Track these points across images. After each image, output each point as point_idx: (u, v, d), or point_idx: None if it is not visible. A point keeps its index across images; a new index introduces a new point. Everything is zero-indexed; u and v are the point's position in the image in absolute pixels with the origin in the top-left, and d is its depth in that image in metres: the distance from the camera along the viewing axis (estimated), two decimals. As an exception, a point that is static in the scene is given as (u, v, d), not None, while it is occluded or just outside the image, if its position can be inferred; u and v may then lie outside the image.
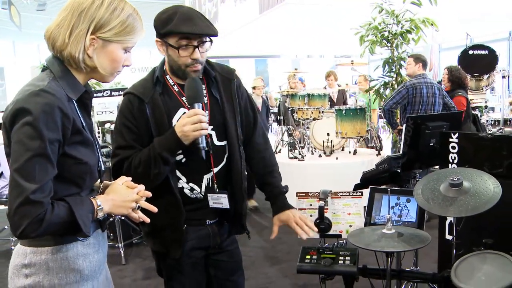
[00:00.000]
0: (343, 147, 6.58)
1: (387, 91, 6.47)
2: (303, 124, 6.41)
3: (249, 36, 12.42)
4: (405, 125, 2.61)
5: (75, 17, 1.35)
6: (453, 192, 1.78)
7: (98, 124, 6.07)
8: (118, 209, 1.45)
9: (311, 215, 2.30)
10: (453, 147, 2.29)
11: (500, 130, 6.32)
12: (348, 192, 2.29)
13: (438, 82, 7.21)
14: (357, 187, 2.66)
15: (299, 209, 2.34)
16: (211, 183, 1.91)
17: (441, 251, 2.44)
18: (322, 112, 6.25)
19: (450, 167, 2.29)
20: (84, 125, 1.41)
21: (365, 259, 2.15)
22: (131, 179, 1.52)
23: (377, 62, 6.96)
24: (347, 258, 2.04)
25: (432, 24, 6.23)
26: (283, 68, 13.94)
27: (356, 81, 9.02)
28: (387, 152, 6.47)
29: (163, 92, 1.85)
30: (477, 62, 6.89)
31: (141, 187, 1.50)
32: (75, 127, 1.34)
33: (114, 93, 7.02)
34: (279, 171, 2.09)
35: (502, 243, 1.85)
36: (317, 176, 5.67)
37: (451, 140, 2.30)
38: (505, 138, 2.14)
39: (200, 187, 1.90)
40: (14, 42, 19.64)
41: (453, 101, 5.42)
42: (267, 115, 7.35)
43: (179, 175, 1.88)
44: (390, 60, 6.47)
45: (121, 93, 7.24)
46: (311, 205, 2.31)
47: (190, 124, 1.71)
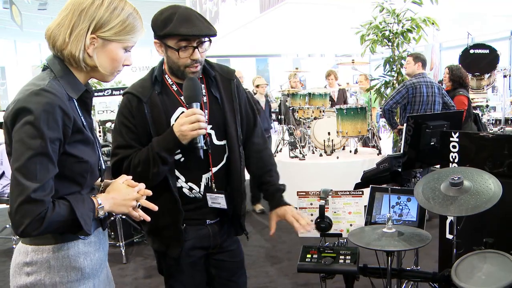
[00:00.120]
0: (344, 147, 6.59)
1: (388, 90, 6.47)
2: (304, 123, 6.41)
3: (250, 35, 12.39)
4: (405, 124, 2.61)
5: (75, 16, 1.35)
6: (454, 191, 1.78)
7: (99, 123, 6.07)
8: (118, 207, 1.45)
9: (311, 214, 2.30)
10: (454, 146, 2.29)
11: (501, 129, 6.31)
12: (348, 191, 2.29)
13: (439, 82, 7.21)
14: (357, 186, 2.67)
15: (299, 208, 2.34)
16: (210, 183, 1.91)
17: (441, 250, 2.44)
18: (323, 111, 6.25)
19: (450, 166, 2.29)
20: (85, 124, 1.41)
21: (365, 258, 2.16)
22: (131, 178, 1.53)
23: (378, 61, 6.96)
24: (347, 257, 2.04)
25: (433, 23, 6.22)
26: (284, 67, 13.95)
27: (357, 80, 9.02)
28: (388, 151, 6.46)
29: (162, 91, 1.85)
30: (478, 61, 6.88)
31: (142, 185, 1.51)
32: (76, 126, 1.35)
33: (115, 92, 7.01)
34: (277, 170, 2.08)
35: (503, 242, 1.85)
36: (318, 175, 5.67)
37: (451, 139, 2.30)
38: (506, 137, 2.14)
39: (199, 186, 1.90)
40: (15, 41, 19.65)
41: (454, 100, 5.42)
42: (270, 114, 7.35)
43: (178, 174, 1.88)
44: (391, 59, 6.47)
45: (122, 92, 7.25)
46: (311, 204, 2.31)
47: (188, 123, 1.71)
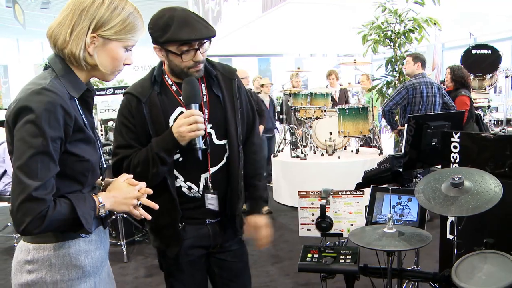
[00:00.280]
0: (345, 146, 6.59)
1: (390, 90, 6.46)
2: (305, 123, 6.41)
3: (252, 34, 12.39)
4: (406, 124, 2.61)
5: (76, 15, 1.36)
6: (454, 191, 1.78)
7: (101, 122, 6.08)
8: (119, 206, 1.46)
9: (312, 214, 2.31)
10: (455, 147, 2.29)
11: (503, 130, 6.30)
12: (349, 191, 2.29)
13: (440, 82, 7.20)
14: (359, 186, 2.67)
15: (300, 207, 2.35)
16: (208, 183, 1.90)
17: (442, 250, 2.44)
18: (325, 111, 6.25)
19: (451, 166, 2.29)
20: (86, 123, 1.42)
21: (366, 258, 2.16)
22: (132, 177, 1.53)
23: (380, 61, 6.96)
24: (348, 257, 2.05)
25: (435, 24, 6.21)
26: (286, 67, 13.94)
27: (359, 80, 9.01)
28: (390, 151, 6.46)
29: (161, 91, 1.85)
30: (480, 61, 6.86)
31: (143, 184, 1.51)
32: (77, 125, 1.35)
33: (117, 91, 7.01)
34: (265, 174, 2.11)
35: (503, 242, 1.85)
36: (319, 175, 5.68)
37: (452, 139, 2.30)
38: (508, 138, 2.14)
39: (198, 186, 1.90)
40: (18, 40, 19.69)
41: (456, 101, 5.40)
42: (273, 113, 7.35)
43: (177, 174, 1.88)
44: (392, 59, 6.46)
45: (123, 91, 7.26)
46: (312, 203, 2.31)
47: (186, 125, 1.71)
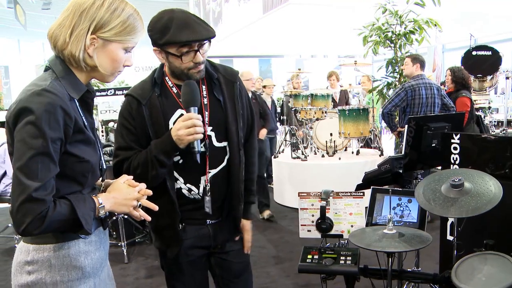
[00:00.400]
0: (346, 148, 6.59)
1: (390, 92, 6.46)
2: (306, 124, 6.41)
3: (252, 36, 12.40)
4: (407, 126, 2.61)
5: (76, 17, 1.36)
6: (454, 193, 1.78)
7: (102, 123, 6.09)
8: (119, 207, 1.46)
9: (312, 215, 2.31)
10: (455, 148, 2.29)
11: (503, 131, 6.30)
12: (349, 192, 2.29)
13: (441, 83, 7.20)
14: (359, 187, 2.67)
15: (301, 208, 2.35)
16: (209, 184, 1.91)
17: (442, 251, 2.44)
18: (325, 112, 6.25)
19: (451, 168, 2.29)
20: (86, 124, 1.42)
21: (366, 259, 2.16)
22: (132, 178, 1.54)
23: (381, 62, 6.96)
24: (348, 258, 2.05)
25: (435, 25, 6.21)
26: (287, 68, 13.94)
27: (360, 81, 9.02)
28: (390, 152, 6.46)
29: (162, 93, 1.86)
30: (481, 63, 6.86)
31: (142, 185, 1.52)
32: (77, 126, 1.36)
33: (118, 92, 7.03)
34: (255, 178, 2.14)
35: (503, 244, 1.85)
36: (320, 176, 5.68)
37: (452, 141, 2.30)
38: (508, 139, 2.14)
39: (198, 188, 1.90)
40: (19, 40, 19.72)
41: (457, 102, 5.40)
42: (275, 114, 7.35)
43: (177, 176, 1.89)
44: (393, 60, 6.46)
45: (125, 92, 7.28)
46: (312, 205, 2.31)
47: (184, 128, 1.72)
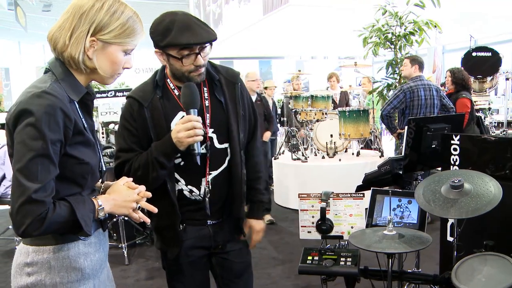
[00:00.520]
0: (346, 149, 6.59)
1: (390, 93, 6.47)
2: (306, 126, 6.41)
3: (253, 37, 12.41)
4: (406, 127, 2.62)
5: (76, 19, 1.37)
6: (454, 194, 1.78)
7: (102, 125, 6.09)
8: (119, 209, 1.47)
9: (313, 216, 2.31)
10: (455, 149, 2.29)
11: (503, 132, 6.30)
12: (349, 194, 2.30)
13: (441, 84, 7.20)
14: (359, 188, 2.67)
15: (301, 210, 2.35)
16: (209, 186, 1.91)
17: (442, 252, 2.45)
18: (326, 113, 6.25)
19: (451, 169, 2.30)
20: (86, 126, 1.43)
21: (366, 260, 2.16)
22: (132, 180, 1.54)
23: (381, 63, 6.96)
24: (348, 259, 2.05)
25: (435, 26, 6.22)
26: (287, 70, 13.96)
27: (360, 82, 9.03)
28: (390, 154, 6.47)
29: (163, 95, 1.86)
30: (481, 64, 6.86)
31: (142, 187, 1.52)
32: (77, 128, 1.36)
33: (118, 93, 7.04)
34: (265, 178, 2.13)
35: (503, 245, 1.85)
36: (320, 177, 5.67)
37: (452, 142, 2.30)
38: (508, 140, 2.14)
39: (199, 189, 1.91)
40: (19, 42, 19.75)
41: (457, 103, 5.39)
42: (276, 116, 7.35)
43: (178, 177, 1.89)
44: (393, 61, 6.47)
45: (126, 93, 7.28)
46: (313, 206, 2.32)
47: (184, 130, 1.72)
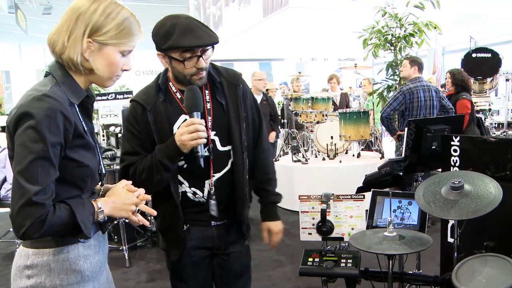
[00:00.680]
0: (346, 150, 6.59)
1: (391, 94, 6.47)
2: (307, 127, 6.41)
3: (253, 39, 12.43)
4: (406, 128, 2.62)
5: (73, 21, 1.38)
6: (454, 195, 1.78)
7: (103, 127, 6.08)
8: (118, 211, 1.47)
9: (313, 218, 2.31)
10: (455, 150, 2.29)
11: (503, 133, 6.30)
12: (350, 195, 2.30)
13: (441, 86, 7.20)
14: (359, 190, 2.67)
15: (301, 212, 2.35)
16: (212, 188, 1.92)
17: (443, 254, 2.44)
18: (326, 115, 6.26)
19: (452, 170, 2.30)
20: (86, 129, 1.43)
21: (367, 262, 2.15)
22: (131, 183, 1.55)
23: (381, 65, 6.96)
24: (349, 261, 2.05)
25: (435, 27, 6.22)
26: (287, 71, 13.97)
27: (361, 84, 9.03)
28: (391, 155, 6.47)
29: (166, 99, 1.88)
30: (481, 65, 6.87)
31: (141, 190, 1.53)
32: (77, 131, 1.37)
33: (118, 96, 7.04)
34: (276, 178, 2.13)
35: (503, 246, 1.85)
36: (321, 179, 5.67)
37: (452, 143, 2.30)
38: (509, 141, 2.14)
39: (203, 192, 1.92)
40: (20, 45, 19.78)
41: (457, 104, 5.39)
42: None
43: (182, 179, 1.91)
44: (393, 63, 6.46)
45: (126, 96, 7.29)
46: (313, 208, 2.32)
47: (187, 133, 1.73)
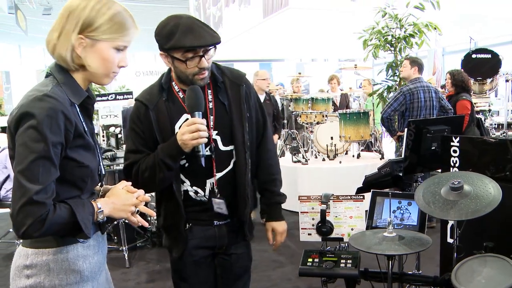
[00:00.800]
0: (346, 151, 6.59)
1: (391, 95, 6.47)
2: (307, 128, 6.42)
3: (253, 40, 12.45)
4: (406, 129, 2.62)
5: (64, 19, 1.39)
6: (454, 195, 1.79)
7: (103, 128, 6.08)
8: (118, 212, 1.48)
9: (313, 219, 2.31)
10: (454, 151, 2.30)
11: (503, 133, 6.31)
12: (349, 196, 2.30)
13: (441, 86, 7.20)
14: (359, 190, 2.67)
15: (301, 212, 2.35)
16: (213, 188, 1.93)
17: (443, 254, 2.45)
18: (326, 116, 6.26)
19: (451, 170, 2.30)
20: (86, 129, 1.44)
21: (366, 262, 2.16)
22: (131, 184, 1.56)
23: (381, 66, 6.97)
24: (348, 261, 2.06)
25: (435, 28, 6.23)
26: (287, 72, 13.97)
27: (361, 84, 9.04)
28: (391, 156, 6.47)
29: (168, 98, 1.89)
30: (480, 66, 6.88)
31: (141, 191, 1.53)
32: (77, 131, 1.37)
33: (118, 96, 7.03)
34: (281, 179, 2.13)
35: (503, 246, 1.86)
36: (321, 180, 5.68)
37: (452, 144, 2.31)
38: (509, 142, 2.15)
39: (204, 191, 1.93)
40: (20, 46, 19.80)
41: (457, 105, 5.39)
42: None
43: (183, 178, 1.92)
44: (393, 64, 6.47)
45: (126, 97, 7.28)
46: (313, 208, 2.32)
47: (189, 133, 1.74)
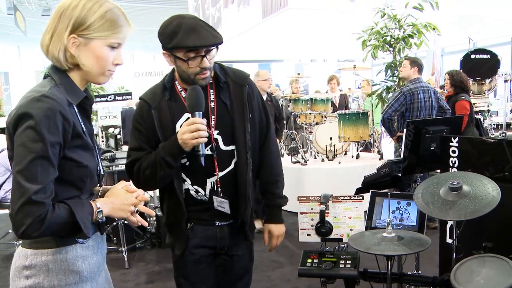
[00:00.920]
0: (345, 152, 6.60)
1: (390, 95, 6.47)
2: (306, 129, 6.42)
3: (252, 40, 12.46)
4: (405, 129, 2.62)
5: (56, 20, 1.40)
6: (453, 196, 1.79)
7: (102, 129, 6.08)
8: (117, 212, 1.48)
9: (312, 219, 2.31)
10: (453, 151, 2.30)
11: (502, 134, 6.31)
12: (349, 196, 2.30)
13: (440, 87, 7.21)
14: (358, 191, 2.68)
15: (300, 213, 2.35)
16: (215, 187, 1.94)
17: (442, 254, 2.45)
18: (325, 116, 6.26)
19: (450, 171, 2.30)
20: (84, 129, 1.44)
21: (366, 263, 2.16)
22: (130, 183, 1.56)
23: (380, 66, 6.97)
24: (348, 262, 2.05)
25: (434, 29, 6.23)
26: (286, 73, 13.97)
27: (360, 85, 9.04)
28: (390, 156, 6.47)
29: (171, 97, 1.92)
30: (479, 66, 6.89)
31: (140, 191, 1.54)
32: (75, 131, 1.38)
33: (117, 97, 7.03)
34: (283, 181, 2.14)
35: (502, 246, 1.86)
36: (320, 180, 5.68)
37: (451, 144, 2.31)
38: (508, 142, 2.15)
39: (205, 190, 1.94)
40: (19, 47, 19.77)
41: (456, 105, 5.40)
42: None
43: (184, 177, 1.94)
44: (392, 64, 6.47)
45: (125, 97, 7.27)
46: (312, 209, 2.32)
47: (189, 132, 1.76)
